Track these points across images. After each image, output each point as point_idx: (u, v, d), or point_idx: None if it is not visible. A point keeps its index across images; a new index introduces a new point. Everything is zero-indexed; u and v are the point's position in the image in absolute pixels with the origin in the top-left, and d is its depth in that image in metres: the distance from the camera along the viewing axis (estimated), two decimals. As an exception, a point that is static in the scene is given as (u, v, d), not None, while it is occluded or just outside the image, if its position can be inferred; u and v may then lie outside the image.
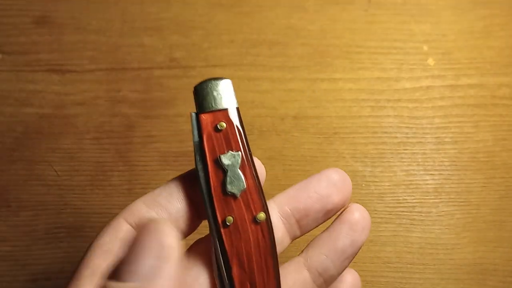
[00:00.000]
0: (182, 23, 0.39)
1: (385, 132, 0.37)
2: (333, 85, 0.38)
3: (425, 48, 0.38)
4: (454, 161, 0.36)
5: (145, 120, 0.37)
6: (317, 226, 0.22)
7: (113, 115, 0.37)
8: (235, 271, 0.20)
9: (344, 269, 0.22)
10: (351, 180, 0.36)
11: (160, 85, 0.38)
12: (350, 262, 0.22)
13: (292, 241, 0.22)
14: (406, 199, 0.36)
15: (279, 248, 0.21)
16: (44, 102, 0.37)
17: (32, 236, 0.35)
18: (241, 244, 0.20)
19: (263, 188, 0.20)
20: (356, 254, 0.21)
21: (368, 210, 0.35)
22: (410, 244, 0.35)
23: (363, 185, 0.36)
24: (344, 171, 0.37)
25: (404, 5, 0.39)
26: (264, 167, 0.22)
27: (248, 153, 0.20)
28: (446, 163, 0.36)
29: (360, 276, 0.35)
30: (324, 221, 0.22)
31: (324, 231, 0.22)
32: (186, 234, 0.21)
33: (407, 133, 0.37)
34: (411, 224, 0.36)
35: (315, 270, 0.21)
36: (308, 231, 0.22)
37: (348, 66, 0.38)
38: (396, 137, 0.37)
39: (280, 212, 0.21)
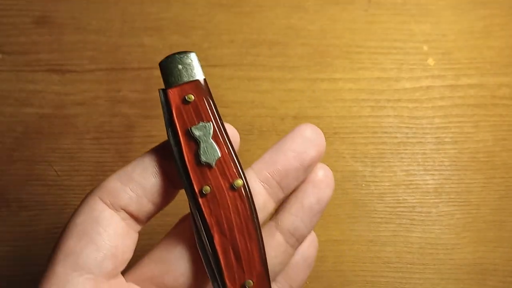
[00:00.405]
0: (182, 23, 0.39)
1: (385, 132, 0.37)
2: (333, 85, 0.38)
3: (425, 48, 0.38)
4: (454, 161, 0.36)
5: (145, 120, 0.37)
6: (299, 184, 0.22)
7: (113, 115, 0.37)
8: (217, 238, 0.20)
9: (314, 227, 0.22)
10: (351, 180, 0.36)
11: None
12: (318, 219, 0.22)
13: (277, 204, 0.22)
14: (406, 199, 0.36)
15: (263, 214, 0.21)
16: (44, 102, 0.37)
17: (32, 236, 0.35)
18: (220, 211, 0.20)
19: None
20: (323, 211, 0.22)
21: (368, 210, 0.36)
22: (410, 244, 0.35)
23: (363, 185, 0.36)
24: (344, 171, 0.37)
25: (404, 5, 0.39)
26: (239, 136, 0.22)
27: (219, 122, 0.20)
28: (446, 163, 0.36)
29: (360, 276, 0.35)
30: (305, 178, 0.22)
31: (291, 194, 0.22)
32: (162, 206, 0.21)
33: (407, 133, 0.37)
34: (411, 224, 0.36)
35: (287, 231, 0.21)
36: (292, 191, 0.22)
37: (348, 66, 0.38)
38: (396, 137, 0.37)
39: (259, 177, 0.21)
